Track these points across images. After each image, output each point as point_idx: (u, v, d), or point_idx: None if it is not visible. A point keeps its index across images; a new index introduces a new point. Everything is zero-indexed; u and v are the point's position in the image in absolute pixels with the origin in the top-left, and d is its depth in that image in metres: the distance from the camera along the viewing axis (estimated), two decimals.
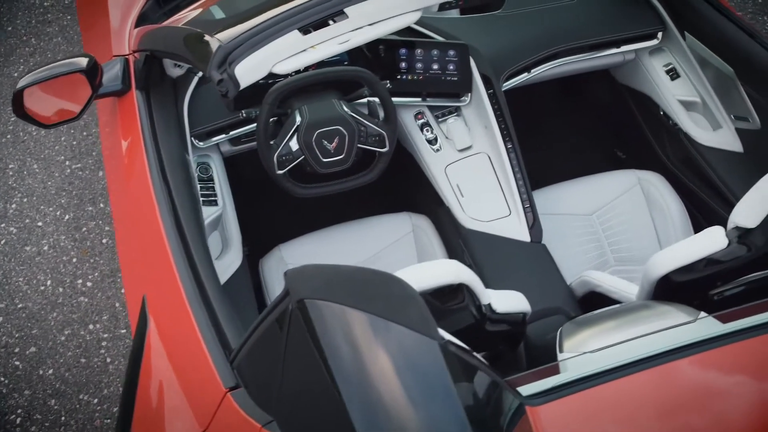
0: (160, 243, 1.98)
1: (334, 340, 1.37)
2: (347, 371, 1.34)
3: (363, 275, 1.44)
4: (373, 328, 1.36)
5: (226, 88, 1.94)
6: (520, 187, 2.47)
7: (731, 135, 2.62)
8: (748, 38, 2.44)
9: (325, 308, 1.39)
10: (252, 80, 1.99)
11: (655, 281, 1.90)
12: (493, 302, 1.74)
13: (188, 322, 1.78)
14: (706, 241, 1.79)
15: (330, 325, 1.38)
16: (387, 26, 2.07)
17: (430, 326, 1.35)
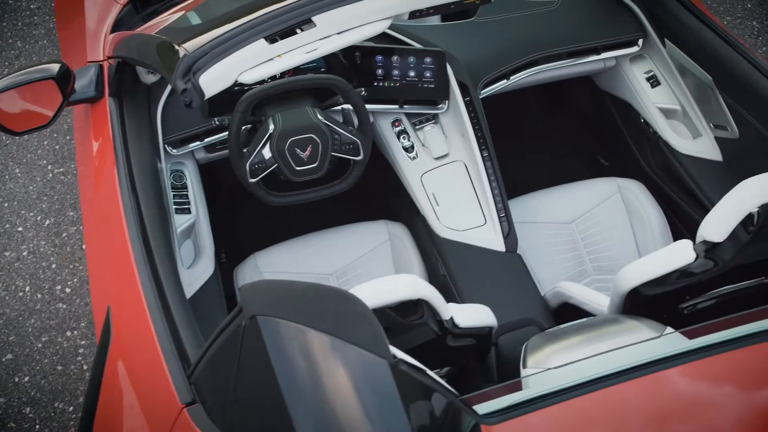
0: (125, 254, 1.95)
1: (284, 358, 1.36)
2: (296, 390, 1.32)
3: (315, 291, 1.42)
4: (323, 346, 1.34)
5: (190, 98, 1.92)
6: (496, 196, 2.44)
7: (711, 144, 2.59)
8: (726, 46, 2.42)
9: (276, 325, 1.37)
10: (217, 90, 1.97)
11: (624, 294, 1.87)
12: (456, 316, 1.71)
13: (149, 335, 1.76)
14: (675, 254, 1.76)
15: (280, 343, 1.36)
16: (355, 35, 2.04)
17: (380, 345, 1.32)
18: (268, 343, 1.36)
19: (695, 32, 2.52)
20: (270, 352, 1.36)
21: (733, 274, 1.77)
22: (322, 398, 1.30)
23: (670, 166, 2.66)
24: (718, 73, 2.45)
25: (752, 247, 1.71)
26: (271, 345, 1.36)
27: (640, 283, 1.82)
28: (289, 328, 1.36)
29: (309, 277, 2.53)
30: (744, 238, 1.69)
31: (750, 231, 1.68)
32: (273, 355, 1.36)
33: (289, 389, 1.32)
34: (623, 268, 1.88)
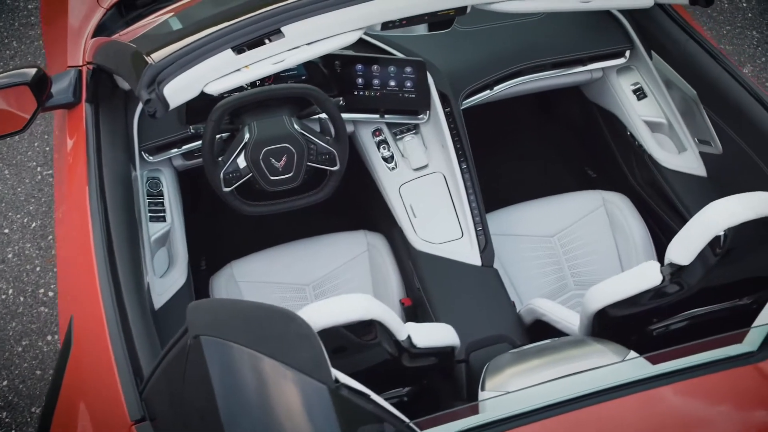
0: (89, 263, 1.93)
1: (225, 380, 1.33)
2: (234, 413, 1.29)
3: (260, 312, 1.39)
4: (264, 369, 1.32)
5: (154, 108, 1.90)
6: (473, 209, 2.40)
7: (695, 159, 2.55)
8: (711, 61, 2.37)
9: (218, 346, 1.35)
10: (182, 100, 1.94)
11: (592, 315, 1.84)
12: (414, 336, 1.68)
13: (105, 348, 1.74)
14: (641, 276, 1.73)
15: (222, 364, 1.34)
16: (325, 46, 2.01)
17: (321, 369, 1.30)
18: (209, 363, 1.34)
19: (681, 45, 2.47)
20: (211, 373, 1.34)
21: (701, 297, 1.73)
22: (259, 422, 1.28)
23: (654, 180, 2.62)
24: (703, 88, 2.41)
25: (719, 271, 1.67)
26: (213, 366, 1.34)
27: (607, 304, 1.78)
28: (231, 350, 1.34)
29: (285, 287, 2.51)
30: (711, 262, 1.65)
31: (717, 254, 1.65)
32: (214, 376, 1.34)
33: (227, 412, 1.29)
34: (591, 288, 1.84)
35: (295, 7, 1.96)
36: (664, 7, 2.55)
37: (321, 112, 2.36)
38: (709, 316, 1.80)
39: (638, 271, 1.74)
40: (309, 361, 1.30)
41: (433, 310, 2.25)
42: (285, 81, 2.53)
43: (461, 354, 2.14)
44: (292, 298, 2.50)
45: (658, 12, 2.57)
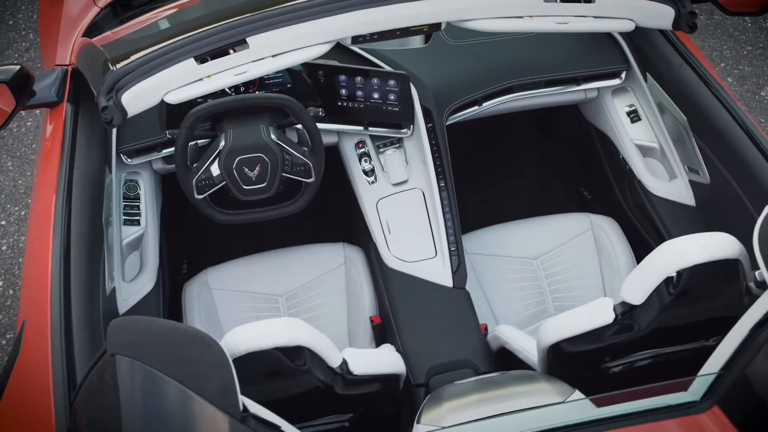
0: (44, 267, 1.92)
1: (133, 401, 1.31)
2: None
3: (177, 335, 1.36)
4: (170, 394, 1.29)
5: (111, 116, 1.88)
6: (449, 228, 2.35)
7: (685, 187, 2.46)
8: (703, 87, 2.29)
9: (130, 366, 1.32)
10: (141, 108, 1.92)
11: (546, 348, 1.78)
12: (352, 363, 1.63)
13: (45, 356, 1.72)
14: (594, 313, 1.67)
15: (132, 385, 1.32)
16: (290, 58, 1.97)
17: (228, 398, 1.26)
18: (120, 383, 1.32)
19: (675, 69, 2.39)
20: (121, 393, 1.31)
21: (655, 338, 1.66)
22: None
23: (643, 206, 2.54)
24: (693, 115, 2.32)
25: (673, 312, 1.60)
26: (123, 386, 1.32)
27: (560, 338, 1.72)
28: (142, 371, 1.31)
29: (258, 297, 2.48)
30: (663, 303, 1.59)
31: (671, 294, 1.58)
32: (123, 397, 1.31)
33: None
34: (546, 321, 1.79)
35: (262, 18, 1.92)
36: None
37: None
38: (668, 358, 1.73)
39: (591, 308, 1.68)
40: (217, 390, 1.27)
41: (398, 330, 2.21)
42: (270, 89, 2.51)
43: (421, 378, 2.10)
44: (264, 309, 2.47)
45: (655, 33, 2.49)
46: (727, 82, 3.87)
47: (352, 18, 1.96)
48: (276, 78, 2.50)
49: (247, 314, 2.46)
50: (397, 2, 1.97)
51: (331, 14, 1.95)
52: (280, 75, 2.49)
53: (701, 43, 4.03)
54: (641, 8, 2.08)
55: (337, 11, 1.95)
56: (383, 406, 1.84)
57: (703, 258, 1.53)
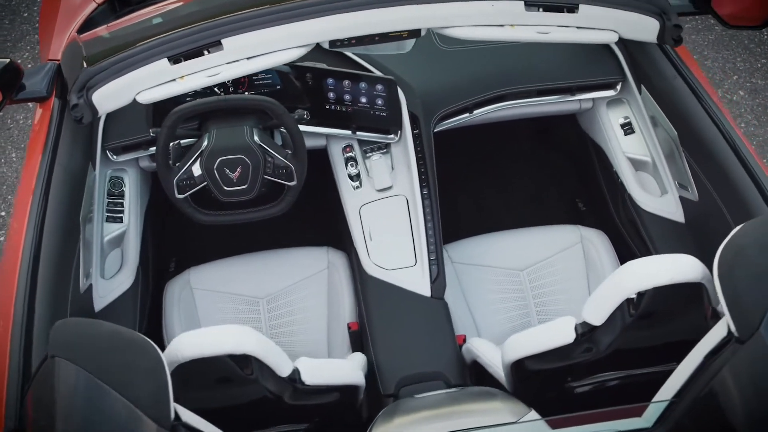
0: (14, 263, 1.92)
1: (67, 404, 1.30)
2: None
3: (114, 339, 1.35)
4: (102, 400, 1.27)
5: (81, 114, 1.87)
6: (430, 237, 2.32)
7: (675, 203, 2.40)
8: (695, 102, 2.23)
9: (67, 368, 1.32)
10: (113, 107, 1.92)
11: (509, 365, 1.74)
12: (304, 373, 1.61)
13: (4, 350, 1.73)
14: (555, 332, 1.63)
15: (67, 388, 1.31)
16: (265, 61, 1.95)
17: (158, 406, 1.25)
18: (57, 385, 1.31)
19: (669, 82, 2.33)
20: (57, 396, 1.31)
21: (617, 359, 1.62)
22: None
23: (633, 221, 2.49)
24: (683, 130, 2.27)
25: (633, 334, 1.56)
26: (59, 388, 1.31)
27: (521, 356, 1.69)
28: (76, 375, 1.30)
29: (239, 299, 2.47)
30: (623, 324, 1.54)
31: (631, 315, 1.54)
32: (58, 398, 1.30)
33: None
34: (510, 337, 1.75)
35: (238, 20, 1.91)
36: None
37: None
38: (634, 380, 1.69)
39: (553, 326, 1.64)
40: (148, 396, 1.26)
41: (372, 338, 2.18)
42: (259, 90, 2.49)
43: (391, 388, 2.07)
44: (244, 311, 2.46)
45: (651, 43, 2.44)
46: (739, 95, 3.79)
47: (329, 22, 1.94)
48: (265, 79, 2.48)
49: (227, 315, 2.45)
50: (375, 7, 1.94)
51: (309, 18, 1.93)
52: (270, 76, 2.47)
53: (715, 54, 3.95)
54: (625, 20, 2.03)
55: (314, 15, 1.93)
56: (342, 417, 1.82)
57: (663, 281, 1.48)
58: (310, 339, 2.43)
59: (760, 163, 2.03)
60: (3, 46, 4.32)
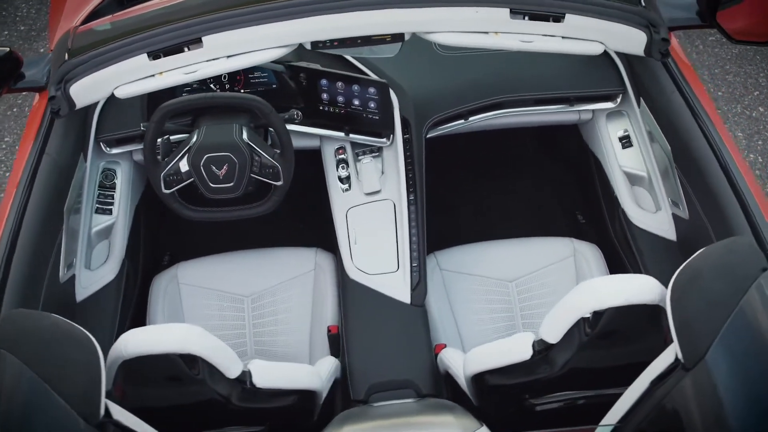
0: None
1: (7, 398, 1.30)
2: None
3: (55, 332, 1.35)
4: (35, 393, 1.28)
5: (58, 106, 1.89)
6: (413, 243, 2.29)
7: (668, 221, 2.35)
8: (691, 118, 2.17)
9: (6, 360, 1.32)
10: (91, 100, 1.93)
11: (469, 378, 1.71)
12: (256, 375, 1.60)
13: None
14: (513, 348, 1.60)
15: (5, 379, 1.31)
16: (244, 60, 1.95)
17: (89, 402, 1.25)
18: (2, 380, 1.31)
19: (666, 96, 2.28)
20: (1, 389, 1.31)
21: (574, 378, 1.58)
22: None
23: (626, 236, 2.44)
24: (677, 146, 2.21)
25: (589, 353, 1.53)
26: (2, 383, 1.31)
27: (480, 370, 1.66)
28: (14, 367, 1.30)
29: (224, 296, 2.47)
30: (579, 343, 1.51)
31: (587, 335, 1.50)
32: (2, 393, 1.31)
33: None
34: (470, 351, 1.72)
35: (219, 18, 1.90)
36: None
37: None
38: (595, 400, 1.65)
39: (512, 342, 1.61)
40: (79, 392, 1.26)
41: (347, 342, 2.17)
42: (255, 88, 2.49)
43: (361, 394, 2.05)
44: (228, 308, 2.46)
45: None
46: (759, 111, 3.69)
47: (311, 23, 1.93)
48: (261, 78, 2.48)
49: (211, 312, 2.45)
50: (358, 10, 1.92)
51: (291, 18, 1.92)
52: (266, 75, 2.47)
53: (737, 69, 3.86)
54: (612, 31, 1.99)
55: (296, 16, 1.92)
56: (299, 422, 1.80)
57: (618, 301, 1.44)
58: (292, 340, 2.42)
59: (750, 186, 1.97)
60: (27, 35, 4.39)
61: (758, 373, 1.23)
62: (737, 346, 1.25)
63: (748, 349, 1.25)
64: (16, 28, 4.42)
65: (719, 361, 1.24)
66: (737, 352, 1.24)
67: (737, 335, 1.26)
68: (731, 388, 1.22)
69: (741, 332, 1.26)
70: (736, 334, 1.26)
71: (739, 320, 1.27)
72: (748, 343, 1.26)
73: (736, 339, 1.26)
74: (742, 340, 1.26)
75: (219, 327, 2.43)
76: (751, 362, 1.24)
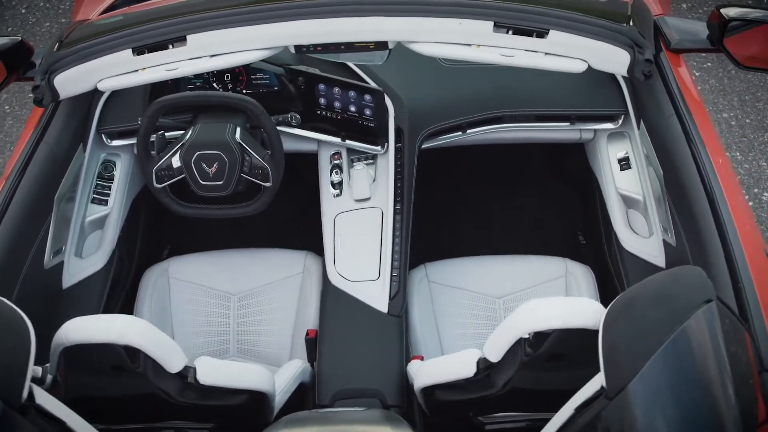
0: None
1: None
2: None
3: None
4: None
5: (41, 95, 1.93)
6: (396, 252, 2.28)
7: (658, 246, 2.29)
8: (684, 144, 2.11)
9: None
10: (75, 92, 1.97)
11: (419, 390, 1.70)
12: (201, 372, 1.60)
13: None
14: (459, 364, 1.58)
15: None
16: (226, 60, 1.97)
17: (11, 385, 1.27)
18: None
19: (665, 120, 2.22)
20: None
21: (516, 399, 1.56)
22: None
23: (616, 260, 2.39)
24: (668, 171, 2.16)
25: (529, 375, 1.50)
26: None
27: (429, 383, 1.64)
28: None
29: (212, 292, 2.49)
30: (519, 363, 1.48)
31: (526, 355, 1.47)
32: None
33: None
34: (424, 362, 1.71)
35: (205, 18, 1.93)
36: (663, 74, 2.30)
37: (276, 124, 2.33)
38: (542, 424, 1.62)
39: (458, 358, 1.59)
40: (2, 374, 1.28)
41: (320, 347, 2.17)
42: (257, 89, 2.52)
43: (326, 399, 2.05)
44: (215, 305, 2.49)
45: (654, 77, 2.33)
46: None
47: (295, 27, 1.94)
48: (263, 79, 2.51)
49: (197, 307, 2.48)
50: (343, 16, 1.93)
51: (275, 21, 1.93)
52: (268, 77, 2.50)
53: (765, 95, 3.75)
54: (595, 50, 1.95)
55: (281, 19, 1.93)
56: (249, 422, 1.80)
57: (556, 324, 1.41)
58: (274, 341, 2.43)
59: (735, 220, 1.89)
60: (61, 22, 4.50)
61: (680, 410, 1.19)
62: (663, 379, 1.21)
63: (675, 383, 1.21)
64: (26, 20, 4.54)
65: (641, 392, 1.20)
66: (662, 386, 1.20)
67: (666, 368, 1.22)
68: (649, 423, 1.18)
69: (670, 365, 1.22)
70: (664, 366, 1.22)
71: (670, 352, 1.23)
72: (675, 377, 1.22)
73: (663, 371, 1.22)
74: (670, 373, 1.22)
75: (204, 323, 2.46)
76: (674, 398, 1.19)
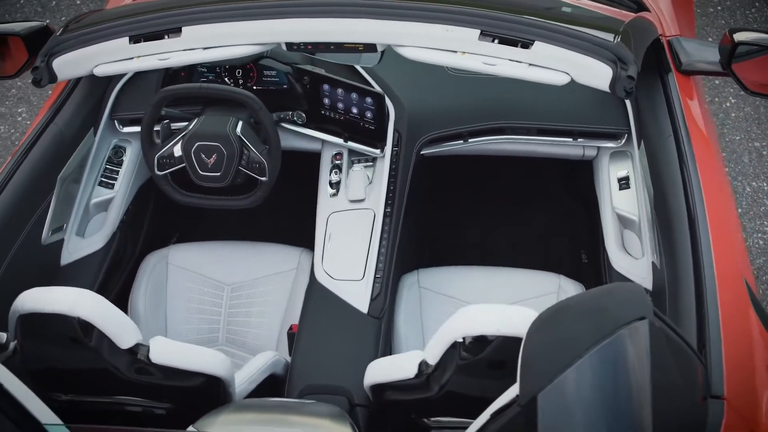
0: None
1: None
2: None
3: None
4: None
5: (40, 77, 2.01)
6: (381, 254, 2.30)
7: (647, 268, 2.25)
8: (677, 167, 2.07)
9: None
10: (73, 75, 2.04)
11: (368, 388, 1.71)
12: (155, 351, 1.64)
13: None
14: (402, 365, 1.60)
15: None
16: (218, 53, 2.02)
17: None
18: None
19: (662, 140, 2.19)
20: None
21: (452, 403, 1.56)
22: None
23: (607, 280, 2.36)
24: (658, 192, 2.12)
25: (466, 380, 1.50)
26: None
27: (375, 382, 1.66)
28: None
29: (207, 281, 2.55)
30: (454, 367, 1.49)
31: (462, 359, 1.48)
32: None
33: None
34: (374, 361, 1.72)
35: (202, 11, 1.99)
36: (667, 94, 2.27)
37: (278, 121, 2.38)
38: None
39: (402, 359, 1.60)
40: None
41: (297, 341, 2.19)
42: (267, 86, 2.57)
43: (294, 393, 2.08)
44: (209, 294, 2.54)
45: (658, 96, 2.30)
46: None
47: (287, 25, 1.98)
48: (273, 77, 2.56)
49: (192, 294, 2.54)
50: (334, 17, 1.97)
51: (267, 18, 1.98)
52: (277, 75, 2.55)
53: None
54: (578, 63, 1.94)
55: (274, 16, 1.98)
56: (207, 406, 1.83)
57: (490, 331, 1.41)
58: (263, 334, 2.47)
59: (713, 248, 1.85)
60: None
61: (589, 425, 1.18)
62: (577, 392, 1.20)
63: (589, 397, 1.20)
64: None
65: (550, 403, 1.19)
66: (573, 399, 1.19)
67: (581, 380, 1.21)
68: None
69: (587, 378, 1.21)
70: (581, 378, 1.21)
71: (587, 365, 1.21)
72: (590, 391, 1.20)
73: (579, 384, 1.20)
74: (585, 387, 1.20)
75: (196, 311, 2.51)
76: (584, 412, 1.18)
